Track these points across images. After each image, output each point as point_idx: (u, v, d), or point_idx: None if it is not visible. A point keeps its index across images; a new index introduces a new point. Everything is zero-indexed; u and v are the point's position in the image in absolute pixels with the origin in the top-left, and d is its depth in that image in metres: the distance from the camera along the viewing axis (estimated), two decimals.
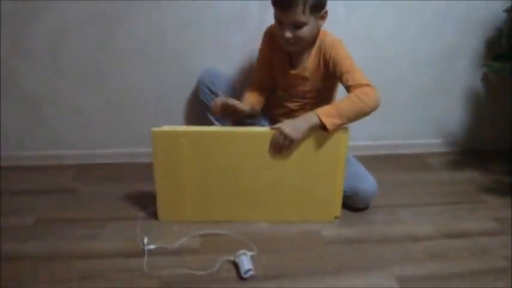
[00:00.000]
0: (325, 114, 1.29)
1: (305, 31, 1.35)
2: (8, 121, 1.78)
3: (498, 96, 1.97)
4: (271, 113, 1.65)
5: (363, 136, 1.93)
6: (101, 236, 1.38)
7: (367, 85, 1.32)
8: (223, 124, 1.60)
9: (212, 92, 1.66)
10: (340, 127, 1.32)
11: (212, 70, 1.70)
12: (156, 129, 1.32)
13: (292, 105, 1.55)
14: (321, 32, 1.44)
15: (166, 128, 1.34)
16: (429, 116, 1.99)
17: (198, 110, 1.74)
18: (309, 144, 1.34)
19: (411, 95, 1.93)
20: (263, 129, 1.34)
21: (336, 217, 1.48)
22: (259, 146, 1.34)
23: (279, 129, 1.30)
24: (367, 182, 1.49)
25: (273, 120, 1.61)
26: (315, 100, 1.52)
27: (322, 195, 1.43)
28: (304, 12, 1.30)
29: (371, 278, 1.22)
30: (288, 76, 1.50)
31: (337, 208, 1.47)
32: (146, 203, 1.51)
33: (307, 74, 1.47)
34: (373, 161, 1.76)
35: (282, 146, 1.31)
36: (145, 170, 1.37)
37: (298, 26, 1.33)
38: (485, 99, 1.98)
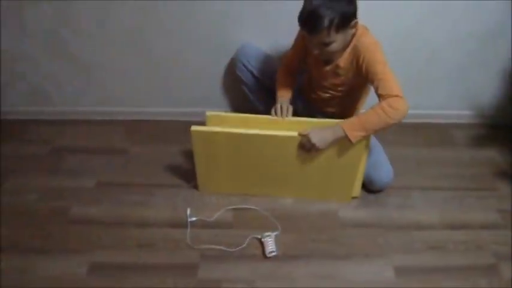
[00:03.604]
0: (350, 127, 1.36)
1: (333, 47, 1.35)
2: (62, 81, 1.95)
3: None
4: (305, 95, 1.73)
5: None
6: (150, 203, 1.65)
7: (397, 96, 1.32)
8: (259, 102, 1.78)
9: (247, 69, 1.75)
10: (364, 138, 1.40)
11: (248, 48, 1.76)
12: (195, 128, 1.45)
13: (323, 95, 1.61)
14: (359, 30, 1.39)
15: (204, 128, 1.47)
16: (462, 89, 1.99)
17: (233, 79, 1.89)
18: None
19: (447, 69, 1.91)
20: (292, 134, 1.43)
21: (354, 197, 1.66)
22: (288, 147, 1.47)
23: (307, 136, 1.40)
24: (384, 171, 1.62)
25: (307, 103, 1.72)
26: (345, 93, 1.57)
27: (344, 181, 1.59)
28: (329, 34, 1.30)
29: (373, 265, 1.44)
30: (321, 70, 1.52)
31: (356, 191, 1.65)
32: (188, 172, 1.72)
33: (340, 71, 1.48)
34: (400, 130, 1.83)
35: (308, 151, 1.44)
36: (184, 129, 1.50)
37: (326, 44, 1.34)
38: None
